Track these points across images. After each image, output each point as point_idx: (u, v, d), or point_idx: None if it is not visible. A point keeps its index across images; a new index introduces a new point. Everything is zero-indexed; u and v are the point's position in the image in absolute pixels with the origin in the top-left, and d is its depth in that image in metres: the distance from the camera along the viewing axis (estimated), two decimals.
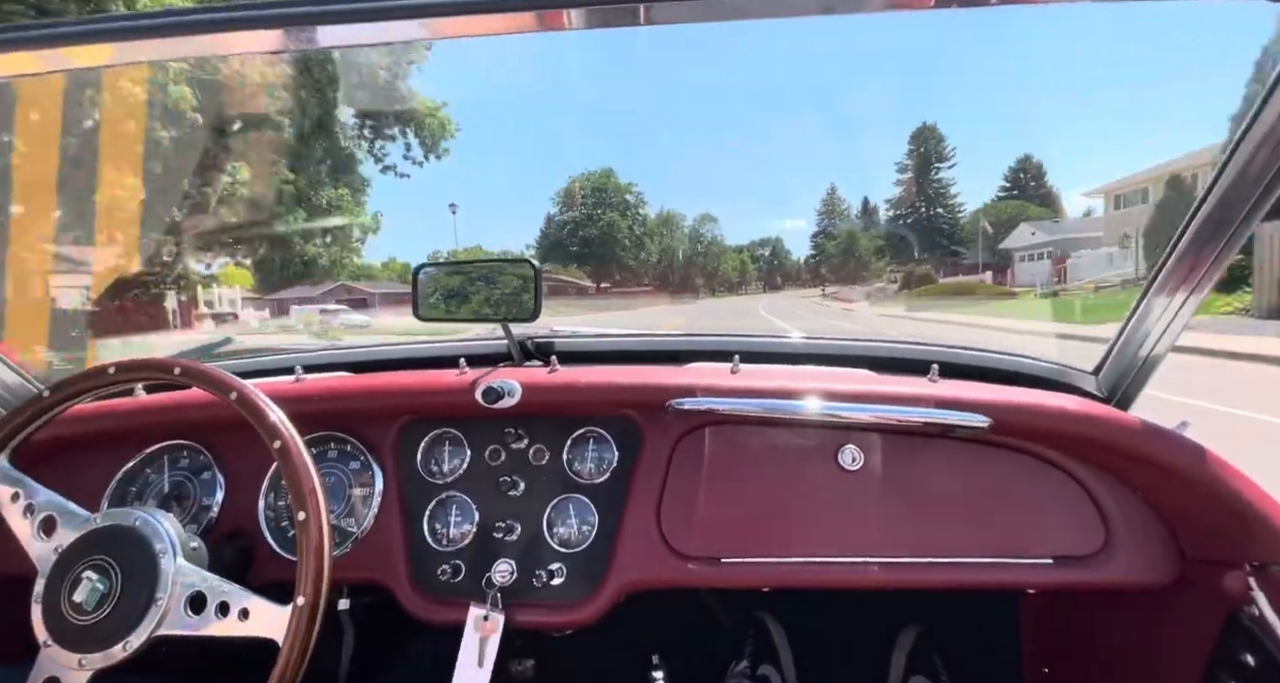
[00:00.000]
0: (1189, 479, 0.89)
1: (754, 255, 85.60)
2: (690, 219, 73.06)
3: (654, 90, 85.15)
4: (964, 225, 38.62)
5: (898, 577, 1.00)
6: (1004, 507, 1.01)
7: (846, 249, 65.14)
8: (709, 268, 71.98)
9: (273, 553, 1.07)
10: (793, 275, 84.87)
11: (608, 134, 78.45)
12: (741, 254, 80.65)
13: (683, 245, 71.37)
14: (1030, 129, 53.61)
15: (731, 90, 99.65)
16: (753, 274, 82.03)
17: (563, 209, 61.68)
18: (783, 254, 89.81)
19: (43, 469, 1.11)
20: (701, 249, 71.90)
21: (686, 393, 1.02)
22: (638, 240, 62.12)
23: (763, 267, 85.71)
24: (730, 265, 75.90)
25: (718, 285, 71.68)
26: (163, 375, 0.89)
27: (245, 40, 0.76)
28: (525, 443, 1.10)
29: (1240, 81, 1.26)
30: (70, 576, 0.80)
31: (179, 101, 11.46)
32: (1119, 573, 0.96)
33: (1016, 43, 62.43)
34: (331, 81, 16.02)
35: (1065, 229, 36.94)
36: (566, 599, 1.03)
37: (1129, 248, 25.14)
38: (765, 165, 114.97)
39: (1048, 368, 1.19)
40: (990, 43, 68.24)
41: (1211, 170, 0.81)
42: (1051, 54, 75.68)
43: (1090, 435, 0.95)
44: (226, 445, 1.13)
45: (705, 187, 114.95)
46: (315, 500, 0.79)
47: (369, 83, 18.40)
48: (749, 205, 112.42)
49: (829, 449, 1.05)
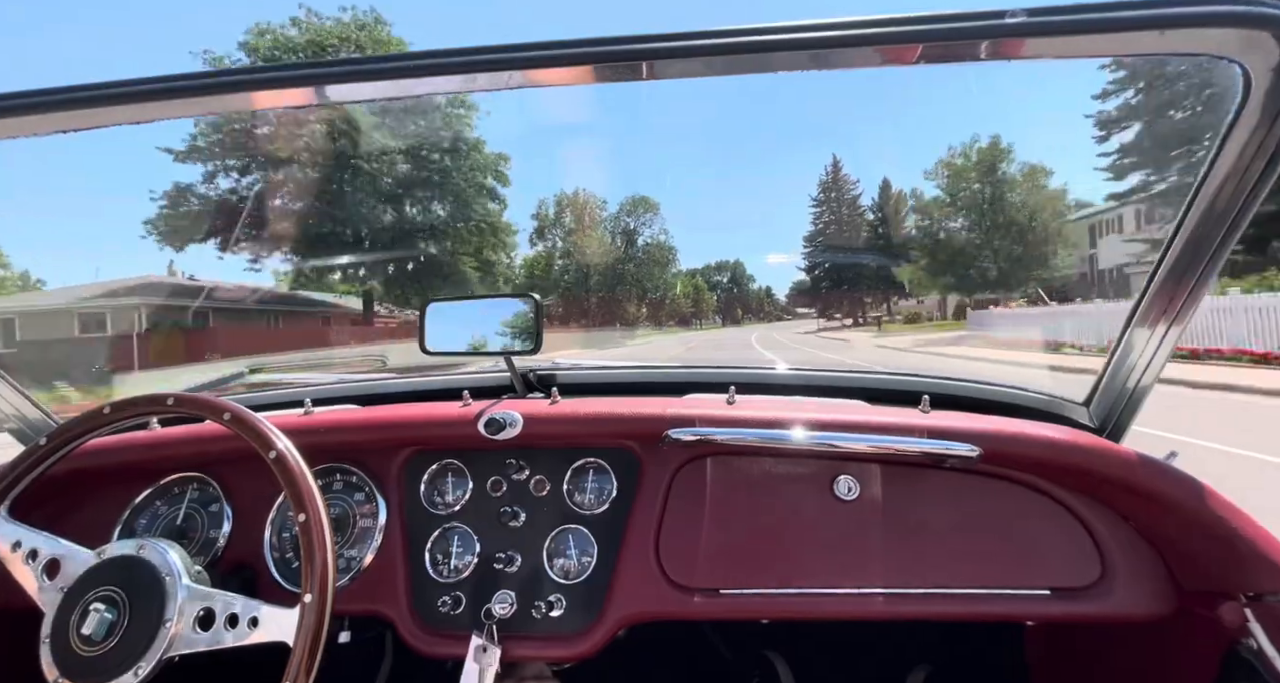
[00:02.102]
0: (1178, 509, 0.90)
1: (710, 282, 75.12)
2: (615, 210, 52.72)
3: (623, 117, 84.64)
4: (1038, 243, 32.04)
5: (896, 608, 1.00)
6: (1000, 538, 1.02)
7: (876, 272, 51.99)
8: (647, 292, 54.07)
9: (277, 585, 1.08)
10: (754, 309, 79.93)
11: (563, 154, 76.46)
12: (695, 279, 68.31)
13: (606, 254, 51.21)
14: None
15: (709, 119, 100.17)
16: (710, 304, 71.74)
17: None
18: (744, 281, 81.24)
19: (56, 504, 1.14)
20: (633, 268, 52.26)
21: (684, 423, 1.04)
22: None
23: (720, 296, 77.32)
24: (681, 292, 61.55)
25: (664, 318, 56.73)
26: (156, 408, 0.92)
27: (272, 98, 0.82)
28: (526, 474, 1.12)
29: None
30: (77, 610, 0.81)
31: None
32: (1117, 605, 0.96)
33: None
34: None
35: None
36: (565, 631, 1.03)
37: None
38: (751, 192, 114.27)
39: (1039, 398, 1.21)
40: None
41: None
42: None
43: (1079, 465, 0.96)
44: (235, 477, 1.15)
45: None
46: (314, 501, 0.81)
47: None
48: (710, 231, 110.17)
49: (824, 479, 1.06)
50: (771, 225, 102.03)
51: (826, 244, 57.65)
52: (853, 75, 0.80)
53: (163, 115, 0.82)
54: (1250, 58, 0.64)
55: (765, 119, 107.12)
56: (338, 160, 22.87)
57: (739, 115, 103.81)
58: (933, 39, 0.66)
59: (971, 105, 71.44)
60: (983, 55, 0.68)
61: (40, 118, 0.78)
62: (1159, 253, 0.89)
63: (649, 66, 0.72)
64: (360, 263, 25.34)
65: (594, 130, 60.77)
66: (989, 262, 34.03)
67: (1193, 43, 0.66)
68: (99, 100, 0.78)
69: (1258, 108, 0.68)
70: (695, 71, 0.74)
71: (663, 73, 0.74)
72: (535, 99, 17.16)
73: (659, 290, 55.86)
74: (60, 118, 0.79)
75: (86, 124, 0.82)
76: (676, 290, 60.37)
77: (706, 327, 66.00)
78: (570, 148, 59.23)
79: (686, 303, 64.21)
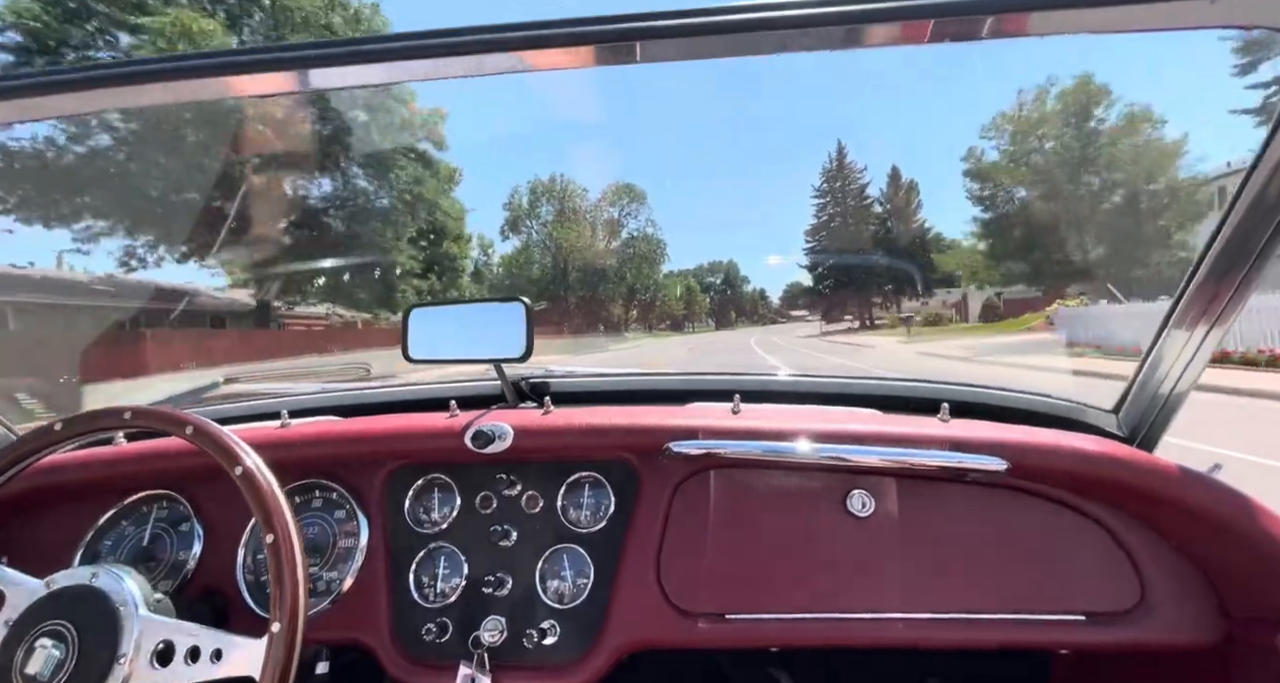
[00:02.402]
0: (1224, 527, 0.83)
1: (703, 283, 70.47)
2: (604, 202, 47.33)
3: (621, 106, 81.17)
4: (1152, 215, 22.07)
5: (916, 634, 0.93)
6: (1028, 558, 0.95)
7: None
8: (635, 292, 49.92)
9: (250, 612, 1.01)
10: (748, 311, 75.45)
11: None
12: (687, 280, 64.60)
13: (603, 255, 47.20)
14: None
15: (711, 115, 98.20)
16: (702, 306, 67.68)
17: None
18: (738, 282, 76.49)
19: (13, 525, 1.07)
20: (616, 263, 47.86)
21: (686, 435, 0.98)
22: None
23: (714, 298, 72.99)
24: (673, 294, 57.24)
25: (654, 319, 53.87)
26: (113, 422, 0.86)
27: (253, 83, 0.76)
28: (518, 490, 1.05)
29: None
30: (22, 647, 0.75)
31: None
32: (1158, 632, 0.89)
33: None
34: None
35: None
36: (560, 661, 0.96)
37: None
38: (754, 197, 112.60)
39: (1064, 406, 1.14)
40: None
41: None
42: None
43: (1113, 478, 0.89)
44: (207, 496, 1.09)
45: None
46: (284, 521, 0.76)
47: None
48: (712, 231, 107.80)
49: (837, 494, 0.99)
50: (769, 226, 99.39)
51: (831, 239, 53.35)
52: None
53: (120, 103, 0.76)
54: None
55: (762, 111, 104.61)
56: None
57: (733, 107, 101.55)
58: (948, 14, 0.60)
59: (1028, 48, 60.75)
60: (985, 33, 0.62)
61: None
62: (1200, 246, 0.82)
63: (642, 47, 0.67)
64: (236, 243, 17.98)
65: (576, 112, 57.03)
66: (1086, 240, 24.42)
67: (1247, 13, 0.60)
68: (43, 88, 0.71)
69: None
70: (690, 53, 0.69)
71: (656, 55, 0.68)
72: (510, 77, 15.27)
73: (649, 290, 51.50)
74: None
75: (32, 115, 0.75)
76: (675, 293, 57.10)
77: (700, 329, 62.07)
78: (548, 130, 55.74)
79: (679, 305, 59.60)
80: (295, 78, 0.74)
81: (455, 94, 22.00)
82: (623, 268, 48.14)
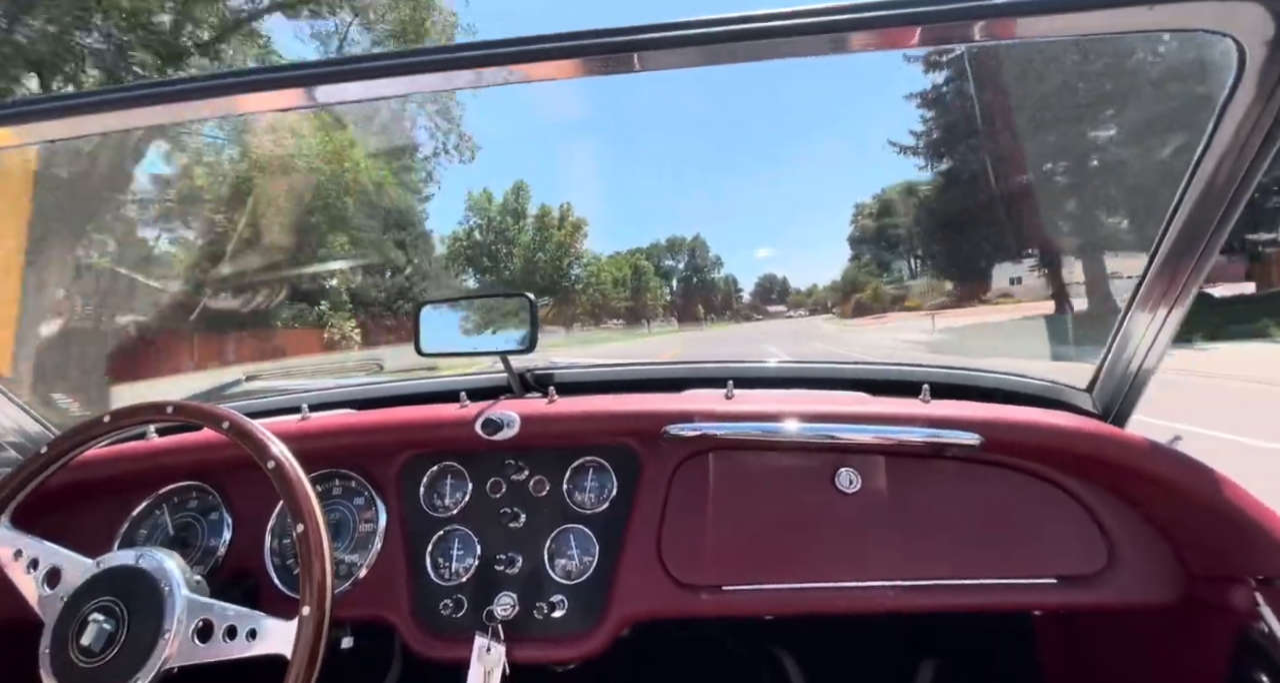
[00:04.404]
0: (1186, 494, 0.89)
1: (659, 267, 54.02)
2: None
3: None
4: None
5: (901, 601, 0.99)
6: (1004, 527, 1.01)
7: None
8: (554, 277, 39.66)
9: (279, 593, 1.08)
10: (719, 306, 58.53)
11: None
12: (634, 259, 49.36)
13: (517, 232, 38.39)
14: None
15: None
16: (659, 296, 51.99)
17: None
18: (707, 265, 58.94)
19: (57, 516, 1.14)
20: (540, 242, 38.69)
21: (683, 419, 1.04)
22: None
23: (676, 287, 56.82)
24: (607, 277, 43.74)
25: (578, 315, 41.64)
26: (156, 417, 0.92)
27: (260, 101, 0.81)
28: (526, 474, 1.11)
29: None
30: (76, 621, 0.81)
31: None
32: (1125, 592, 0.95)
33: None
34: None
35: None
36: (568, 632, 1.02)
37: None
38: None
39: (1041, 385, 1.19)
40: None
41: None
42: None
43: (1083, 451, 0.95)
44: (235, 486, 1.15)
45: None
46: (312, 512, 0.80)
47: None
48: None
49: (826, 472, 1.05)
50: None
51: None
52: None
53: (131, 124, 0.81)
54: (1242, 32, 0.63)
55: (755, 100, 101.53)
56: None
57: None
58: (927, 21, 0.66)
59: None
60: (977, 36, 0.68)
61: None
62: (1157, 233, 0.88)
63: (640, 58, 0.71)
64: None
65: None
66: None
67: (1183, 17, 0.65)
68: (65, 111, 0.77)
69: (1253, 83, 0.67)
70: (687, 62, 0.73)
71: (653, 64, 0.73)
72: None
73: (561, 273, 39.74)
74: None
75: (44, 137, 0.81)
76: (605, 278, 42.50)
77: (659, 330, 46.96)
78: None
79: (617, 294, 44.10)
80: (305, 94, 0.78)
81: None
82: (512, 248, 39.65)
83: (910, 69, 24.96)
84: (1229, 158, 0.75)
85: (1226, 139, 0.73)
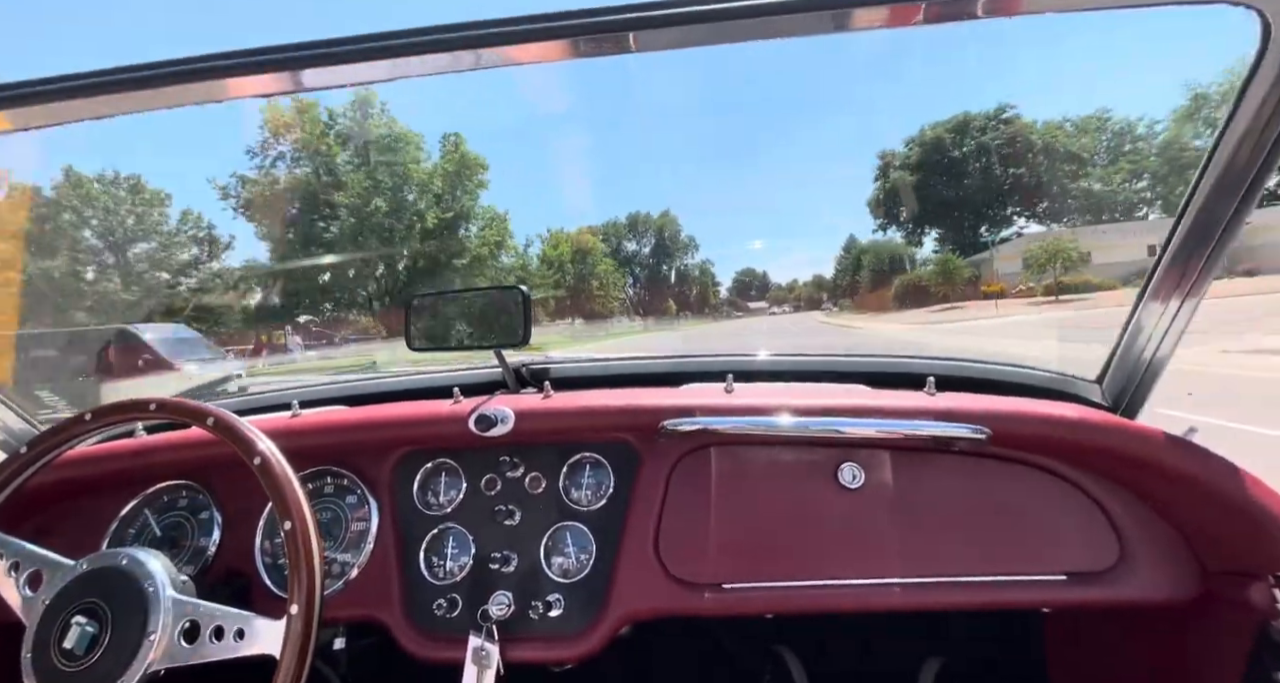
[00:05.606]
0: (1201, 488, 0.86)
1: (617, 251, 43.39)
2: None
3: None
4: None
5: (906, 599, 0.96)
6: (1012, 522, 0.98)
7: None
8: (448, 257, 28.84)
9: (270, 593, 1.05)
10: (695, 303, 49.89)
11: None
12: (588, 237, 38.25)
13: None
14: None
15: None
16: (616, 285, 41.49)
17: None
18: (677, 248, 49.52)
19: (44, 516, 1.12)
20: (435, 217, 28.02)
21: (682, 413, 1.01)
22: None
23: (639, 274, 47.69)
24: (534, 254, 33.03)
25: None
26: (139, 414, 0.89)
27: (247, 85, 0.78)
28: (521, 471, 1.09)
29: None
30: (58, 623, 0.79)
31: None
32: (1137, 589, 0.92)
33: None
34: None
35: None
36: (565, 632, 1.00)
37: None
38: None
39: (1049, 377, 1.16)
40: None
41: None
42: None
43: (1094, 444, 0.92)
44: (225, 484, 1.13)
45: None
46: (300, 508, 0.79)
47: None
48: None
49: (828, 467, 1.03)
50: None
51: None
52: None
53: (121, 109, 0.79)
54: (1269, 3, 0.60)
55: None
56: None
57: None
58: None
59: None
60: (980, 12, 0.64)
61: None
62: (1172, 220, 0.85)
63: (635, 37, 0.68)
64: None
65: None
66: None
67: None
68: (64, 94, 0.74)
69: (1277, 59, 0.64)
70: (685, 41, 0.70)
71: (650, 43, 0.70)
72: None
73: (428, 230, 28.37)
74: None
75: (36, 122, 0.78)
76: (525, 262, 30.62)
77: (619, 331, 36.32)
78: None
79: (550, 276, 32.38)
80: (291, 78, 0.75)
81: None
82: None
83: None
84: (1249, 139, 0.72)
85: (1248, 119, 0.70)
